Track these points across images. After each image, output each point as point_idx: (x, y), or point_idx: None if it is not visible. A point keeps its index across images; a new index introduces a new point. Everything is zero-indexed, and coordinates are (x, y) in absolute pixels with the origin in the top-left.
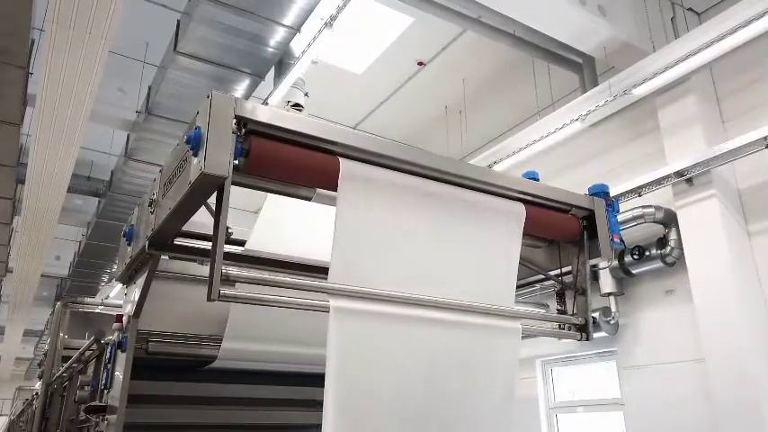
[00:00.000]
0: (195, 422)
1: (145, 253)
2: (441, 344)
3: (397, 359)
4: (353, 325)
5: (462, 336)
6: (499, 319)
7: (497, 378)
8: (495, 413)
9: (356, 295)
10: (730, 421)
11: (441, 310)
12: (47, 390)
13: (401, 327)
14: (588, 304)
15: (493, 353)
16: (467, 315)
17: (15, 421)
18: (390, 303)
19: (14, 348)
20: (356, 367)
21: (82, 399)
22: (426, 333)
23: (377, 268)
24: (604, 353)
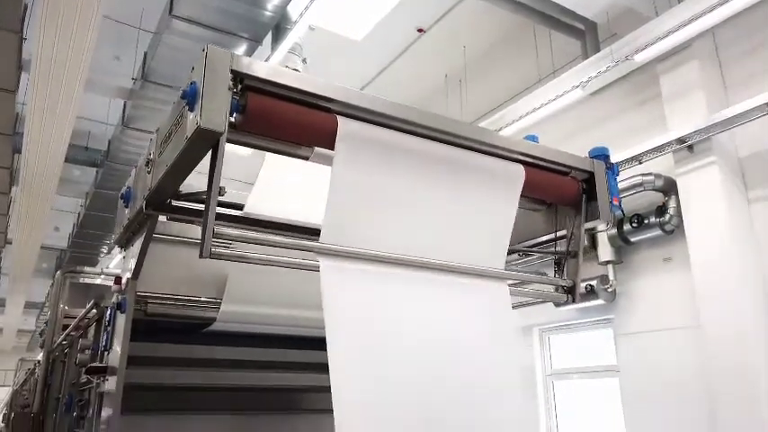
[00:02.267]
0: (194, 383)
1: (142, 214)
2: (431, 304)
3: (390, 319)
4: (343, 285)
5: (451, 296)
6: (487, 280)
7: (490, 339)
8: (492, 374)
9: (346, 255)
10: (725, 387)
11: (430, 271)
12: (48, 357)
13: (391, 287)
14: (578, 267)
15: (483, 314)
16: (454, 276)
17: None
18: (380, 264)
19: (16, 320)
20: (350, 326)
21: (83, 362)
22: (416, 293)
23: (369, 229)
24: (601, 320)
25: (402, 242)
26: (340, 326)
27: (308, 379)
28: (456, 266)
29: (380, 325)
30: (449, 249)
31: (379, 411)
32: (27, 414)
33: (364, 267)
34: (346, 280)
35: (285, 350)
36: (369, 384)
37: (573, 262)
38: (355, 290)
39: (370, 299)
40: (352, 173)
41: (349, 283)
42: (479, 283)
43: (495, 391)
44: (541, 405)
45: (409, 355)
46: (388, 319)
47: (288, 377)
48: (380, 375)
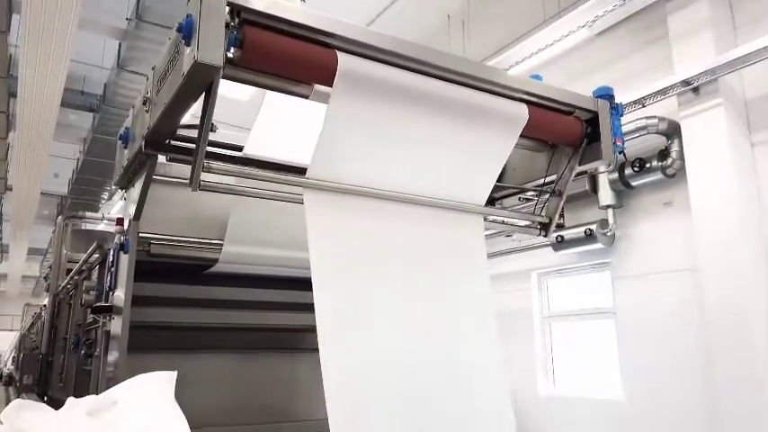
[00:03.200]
0: (198, 323)
1: (142, 154)
2: (413, 236)
3: (370, 250)
4: (326, 218)
5: (434, 228)
6: (466, 215)
7: (468, 269)
8: (469, 301)
9: (330, 189)
10: (720, 327)
11: (412, 205)
12: (54, 300)
13: (373, 220)
14: (559, 207)
15: (461, 246)
16: (435, 210)
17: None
18: (363, 197)
19: (20, 267)
20: (334, 260)
21: (88, 302)
22: (398, 227)
23: (357, 165)
24: (599, 264)
25: (389, 177)
26: (323, 257)
27: (308, 319)
28: (438, 201)
29: (361, 255)
30: (435, 185)
31: (356, 326)
32: (35, 355)
33: (347, 201)
34: (329, 213)
35: (286, 291)
36: (348, 305)
37: (555, 200)
38: (337, 222)
39: (351, 230)
40: (348, 108)
41: (332, 216)
42: (458, 217)
43: (466, 314)
44: (538, 347)
45: (386, 283)
46: (369, 249)
47: (289, 317)
48: (359, 298)
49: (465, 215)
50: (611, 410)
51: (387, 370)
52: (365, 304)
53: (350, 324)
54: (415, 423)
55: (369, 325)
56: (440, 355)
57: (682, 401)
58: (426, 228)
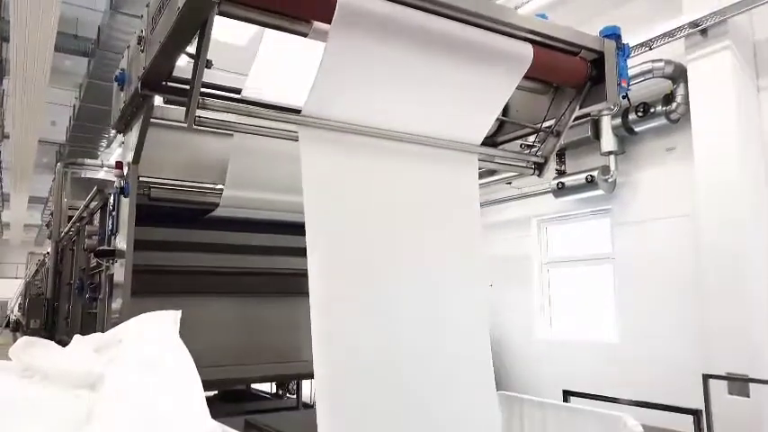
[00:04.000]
0: (200, 267)
1: (138, 95)
2: (409, 175)
3: (369, 188)
4: (321, 156)
5: (428, 167)
6: (460, 153)
7: (460, 208)
8: (459, 242)
9: (324, 127)
10: (716, 271)
11: (408, 143)
12: (57, 247)
13: (370, 159)
14: (555, 147)
15: (454, 185)
16: (432, 149)
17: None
18: (358, 135)
19: (21, 215)
20: (328, 197)
21: (91, 247)
22: (394, 165)
23: (354, 102)
24: (599, 211)
25: (386, 116)
26: (315, 194)
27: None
28: (433, 140)
29: (354, 193)
30: (432, 124)
31: (346, 261)
32: (41, 300)
33: (342, 138)
34: (323, 151)
35: (288, 236)
36: (339, 242)
37: (552, 141)
38: (331, 160)
39: (345, 168)
40: (347, 45)
41: (325, 154)
42: (453, 156)
43: (455, 255)
44: (536, 292)
45: (378, 221)
46: (362, 187)
47: (291, 262)
48: (350, 235)
49: (459, 155)
50: (605, 352)
51: (374, 314)
52: (355, 242)
53: (340, 265)
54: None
55: (358, 265)
56: (426, 295)
57: (675, 345)
58: (420, 167)
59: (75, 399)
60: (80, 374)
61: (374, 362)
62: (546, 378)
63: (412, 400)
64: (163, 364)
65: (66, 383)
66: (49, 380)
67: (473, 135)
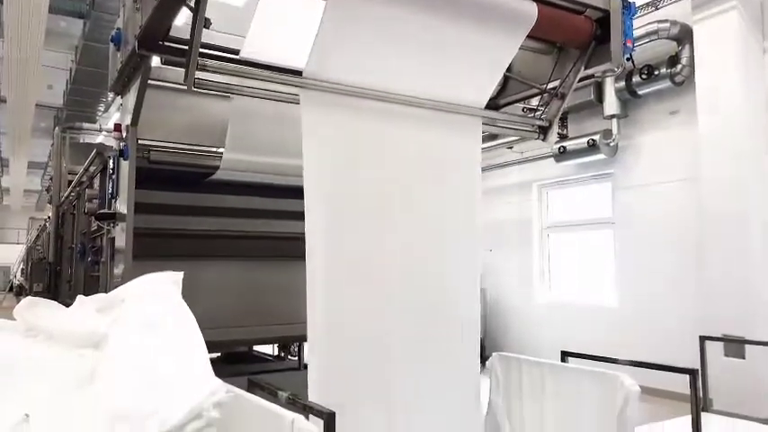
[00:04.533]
0: (202, 230)
1: (135, 55)
2: (411, 139)
3: (370, 152)
4: (324, 118)
5: (430, 131)
6: (465, 117)
7: (461, 173)
8: (460, 206)
9: (325, 89)
10: (717, 235)
11: (410, 106)
12: (57, 211)
13: (370, 122)
14: (560, 110)
15: (457, 150)
16: (434, 112)
17: (32, 246)
18: (360, 98)
19: (21, 180)
20: (330, 161)
21: (91, 210)
22: (395, 128)
23: (355, 63)
24: (600, 175)
25: (387, 78)
26: (316, 157)
27: None
28: (437, 103)
29: (354, 155)
30: (435, 86)
31: (344, 225)
32: (43, 264)
33: (343, 101)
34: (324, 113)
35: (289, 200)
36: (339, 205)
37: (557, 103)
38: (332, 122)
39: (345, 130)
40: (347, 3)
41: (326, 116)
42: (456, 119)
43: (454, 221)
44: (536, 256)
45: (378, 183)
46: (363, 150)
47: (292, 225)
48: (350, 198)
49: (463, 118)
50: (604, 316)
51: (369, 277)
52: (353, 206)
53: (337, 228)
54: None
55: (355, 229)
56: (422, 256)
57: (673, 308)
58: (423, 130)
59: (79, 358)
60: (84, 334)
61: (367, 323)
62: (545, 341)
63: (399, 363)
64: (166, 323)
65: (70, 343)
66: (54, 339)
67: (477, 97)
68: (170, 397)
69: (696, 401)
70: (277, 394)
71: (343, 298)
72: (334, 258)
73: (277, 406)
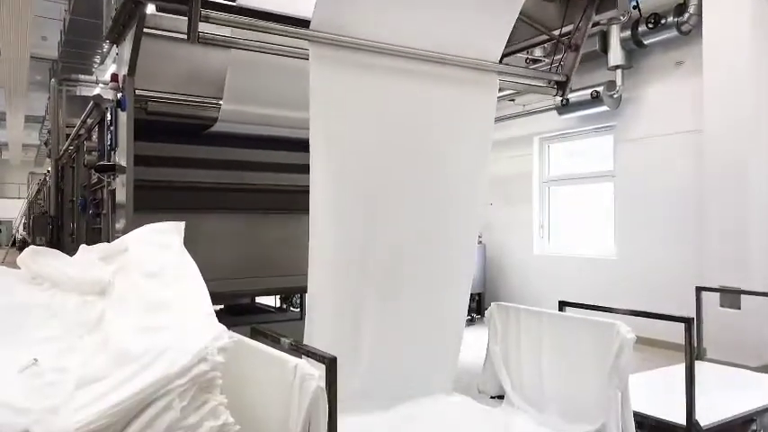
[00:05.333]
0: (202, 182)
1: (130, 2)
2: (421, 96)
3: (378, 110)
4: (333, 74)
5: (442, 88)
6: (478, 73)
7: (474, 133)
8: (471, 167)
9: (336, 43)
10: (718, 187)
11: (421, 62)
12: (57, 165)
13: (381, 77)
14: (576, 63)
15: (471, 107)
16: (447, 67)
17: (33, 201)
18: (370, 53)
19: (19, 135)
20: (338, 117)
21: (90, 163)
22: (407, 85)
23: (368, 20)
24: (603, 128)
25: (400, 32)
26: (324, 112)
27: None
28: (451, 58)
29: (363, 112)
30: (448, 41)
31: (350, 182)
32: (45, 218)
33: (354, 56)
34: (333, 68)
35: (289, 153)
36: (344, 162)
37: (572, 56)
38: (342, 78)
39: (356, 87)
40: None
41: (338, 73)
42: (471, 75)
43: (462, 176)
44: (536, 209)
45: (386, 140)
46: (373, 109)
47: (294, 178)
48: (356, 157)
49: (478, 74)
50: (602, 268)
51: (373, 229)
52: (360, 163)
53: (343, 183)
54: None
55: (361, 185)
56: (425, 210)
57: (672, 261)
58: (435, 87)
59: (85, 304)
60: (89, 282)
61: (368, 273)
62: (544, 294)
63: (396, 313)
64: (169, 271)
65: (75, 290)
66: (59, 287)
67: (490, 51)
68: (175, 341)
69: (690, 350)
70: (280, 341)
71: (344, 246)
72: (334, 219)
73: (280, 352)
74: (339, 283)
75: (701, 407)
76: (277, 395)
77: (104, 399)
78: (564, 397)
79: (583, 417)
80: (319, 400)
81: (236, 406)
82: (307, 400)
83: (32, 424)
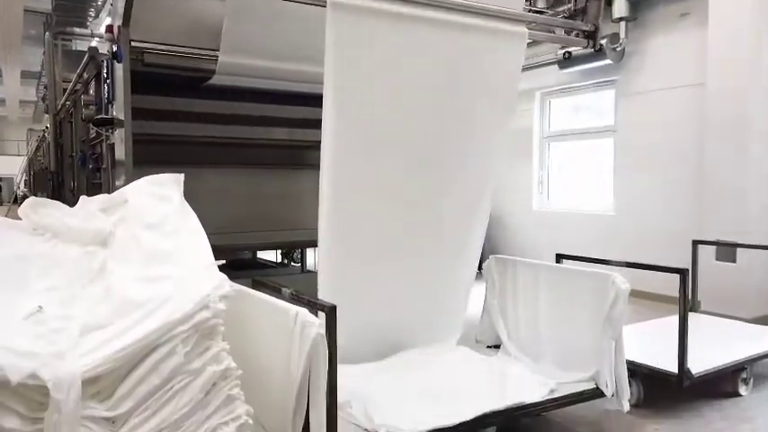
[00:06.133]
0: (201, 137)
1: None
2: (445, 48)
3: (400, 63)
4: (352, 24)
5: (468, 39)
6: (505, 23)
7: (501, 86)
8: (496, 121)
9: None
10: (717, 139)
11: (446, 11)
12: (55, 120)
13: (404, 27)
14: (600, 11)
15: (497, 59)
16: (472, 17)
17: (33, 158)
18: (392, 2)
19: (16, 90)
20: (355, 73)
21: (88, 117)
22: (431, 36)
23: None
24: (605, 82)
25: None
26: (339, 64)
27: (312, 135)
28: (477, 6)
29: (384, 62)
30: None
31: (369, 131)
32: (45, 174)
33: (374, 5)
34: (356, 19)
35: (289, 107)
36: (360, 115)
37: (595, 5)
38: (362, 32)
39: (377, 36)
40: None
41: (355, 26)
42: (497, 25)
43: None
44: (536, 165)
45: (406, 93)
46: (394, 58)
47: (292, 133)
48: (374, 107)
49: (506, 24)
50: (601, 223)
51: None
52: (381, 116)
53: (358, 137)
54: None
55: (378, 139)
56: (442, 165)
57: (671, 216)
58: (462, 37)
59: (86, 254)
60: (91, 232)
61: (382, 226)
62: (543, 249)
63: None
64: (170, 222)
65: (76, 241)
66: (60, 238)
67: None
68: (177, 290)
69: (685, 300)
70: (281, 291)
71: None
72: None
73: (281, 301)
74: (351, 233)
75: (693, 356)
76: (278, 342)
77: (109, 344)
78: (559, 346)
79: (577, 365)
80: (319, 346)
81: (239, 353)
82: (307, 347)
83: (40, 367)
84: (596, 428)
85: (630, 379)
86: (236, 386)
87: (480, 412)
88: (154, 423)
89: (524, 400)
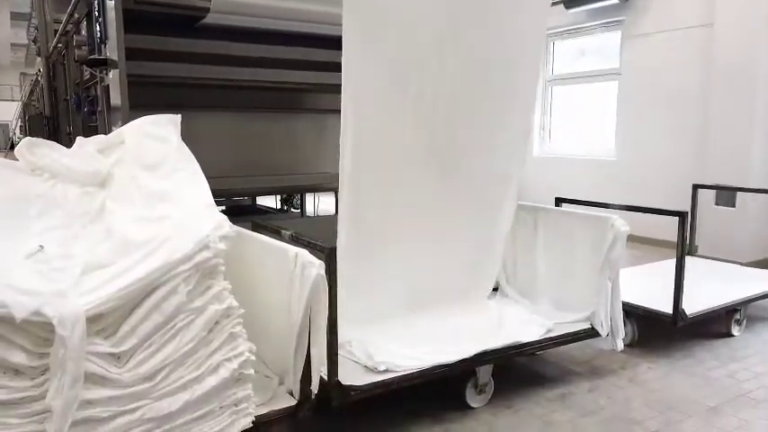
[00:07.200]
0: (197, 78)
1: None
2: None
3: (426, 11)
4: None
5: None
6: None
7: (529, 35)
8: (526, 72)
9: None
10: (722, 82)
11: None
12: (48, 63)
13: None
14: None
15: (526, 6)
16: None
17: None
18: None
19: (6, 33)
20: (380, 18)
21: (81, 58)
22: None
23: None
24: (611, 23)
25: None
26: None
27: (311, 77)
28: None
29: (409, 10)
30: None
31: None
32: (40, 118)
33: None
34: None
35: (287, 47)
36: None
37: None
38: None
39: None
40: None
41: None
42: None
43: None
44: (538, 109)
45: (437, 42)
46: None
47: (290, 75)
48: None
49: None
50: (602, 168)
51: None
52: (409, 65)
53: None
54: None
55: (401, 89)
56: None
57: (673, 161)
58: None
59: (85, 195)
60: (89, 173)
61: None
62: (544, 194)
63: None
64: (169, 163)
65: (75, 182)
66: (58, 178)
67: None
68: (177, 230)
69: (683, 242)
70: (281, 233)
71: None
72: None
73: (281, 242)
74: (375, 185)
75: (688, 297)
76: (279, 283)
77: (111, 283)
78: (556, 288)
79: (573, 306)
80: (320, 286)
81: (240, 292)
82: (307, 287)
83: (43, 305)
84: (590, 367)
85: (625, 319)
86: (238, 324)
87: (478, 350)
88: (158, 359)
89: (521, 339)
